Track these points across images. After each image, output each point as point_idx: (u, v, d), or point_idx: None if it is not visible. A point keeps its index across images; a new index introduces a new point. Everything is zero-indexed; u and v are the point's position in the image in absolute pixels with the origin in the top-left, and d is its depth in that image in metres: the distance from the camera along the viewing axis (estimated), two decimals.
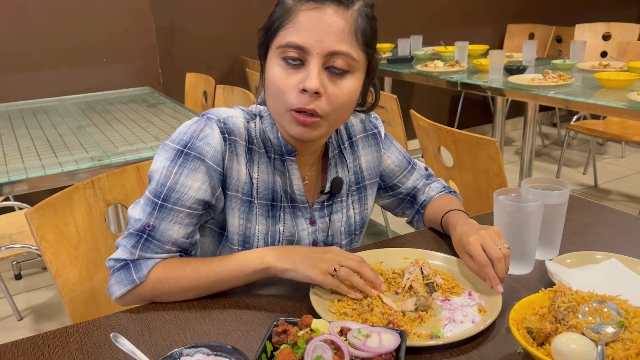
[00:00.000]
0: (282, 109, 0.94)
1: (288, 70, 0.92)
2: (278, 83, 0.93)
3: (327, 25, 0.90)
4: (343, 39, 0.91)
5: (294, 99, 0.92)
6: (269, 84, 0.96)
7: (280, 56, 0.93)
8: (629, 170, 4.02)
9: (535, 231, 1.01)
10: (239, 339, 0.86)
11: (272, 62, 0.95)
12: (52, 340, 0.87)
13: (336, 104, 0.94)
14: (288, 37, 0.91)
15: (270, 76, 0.95)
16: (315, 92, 0.91)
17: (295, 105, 0.92)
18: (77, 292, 1.26)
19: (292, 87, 0.92)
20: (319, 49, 0.90)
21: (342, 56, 0.92)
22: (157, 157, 0.99)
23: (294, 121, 0.94)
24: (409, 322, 0.86)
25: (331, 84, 0.93)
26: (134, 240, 0.96)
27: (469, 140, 1.72)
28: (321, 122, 0.95)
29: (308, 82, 0.90)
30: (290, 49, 0.91)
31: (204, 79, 2.96)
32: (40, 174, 1.71)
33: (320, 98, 0.92)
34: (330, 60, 0.92)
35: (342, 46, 0.91)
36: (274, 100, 0.95)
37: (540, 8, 4.88)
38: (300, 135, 0.95)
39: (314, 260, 0.92)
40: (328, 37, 0.90)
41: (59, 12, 2.94)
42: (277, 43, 0.93)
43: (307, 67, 0.91)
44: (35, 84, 2.96)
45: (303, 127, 0.94)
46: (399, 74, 3.28)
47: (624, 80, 2.44)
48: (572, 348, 0.70)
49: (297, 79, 0.92)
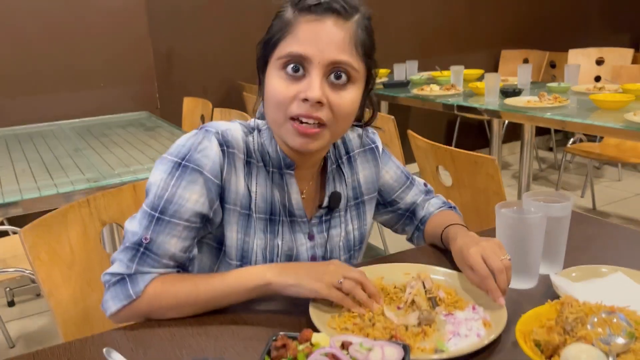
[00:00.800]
0: (282, 120, 0.94)
1: (289, 81, 0.92)
2: (278, 94, 0.92)
3: (327, 36, 0.90)
4: (344, 49, 0.91)
5: (294, 108, 0.91)
6: (268, 95, 0.95)
7: (281, 67, 0.92)
8: (626, 193, 4.02)
9: (539, 244, 0.99)
10: (237, 355, 0.83)
11: (272, 73, 0.94)
12: (42, 359, 0.84)
13: (339, 114, 0.93)
14: (289, 47, 0.91)
15: (271, 88, 0.94)
16: (318, 102, 0.90)
17: (295, 112, 0.91)
18: (71, 313, 1.22)
19: (293, 97, 0.91)
20: (320, 59, 0.90)
21: (344, 66, 0.91)
22: (154, 170, 0.98)
23: (295, 132, 0.92)
24: (412, 337, 0.84)
25: (333, 94, 0.92)
26: (131, 254, 0.94)
27: (467, 159, 1.71)
28: (323, 133, 0.94)
29: (310, 92, 0.89)
30: (291, 58, 0.91)
31: (201, 103, 2.97)
32: (35, 196, 1.69)
33: (323, 108, 0.91)
34: (332, 70, 0.91)
35: (343, 56, 0.91)
36: (274, 111, 0.94)
37: (534, 34, 4.96)
38: (301, 147, 0.94)
39: (317, 273, 0.89)
40: (329, 47, 0.90)
41: (57, 36, 2.96)
42: (278, 54, 0.93)
43: (308, 77, 0.91)
44: (33, 109, 2.96)
45: (304, 139, 0.93)
46: (395, 98, 3.30)
47: (619, 101, 2.46)
48: (583, 359, 0.68)
49: (298, 89, 0.91)
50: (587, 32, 5.23)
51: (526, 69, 3.23)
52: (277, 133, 0.98)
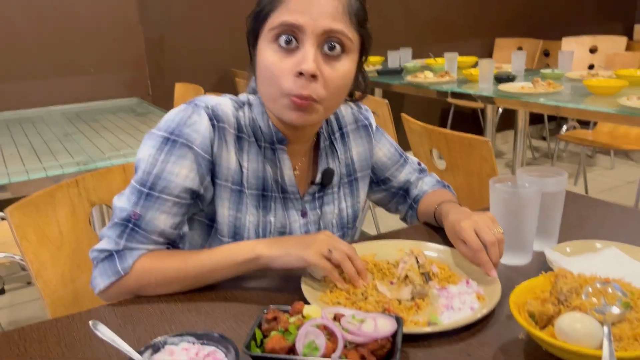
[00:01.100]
0: (277, 94, 0.91)
1: (281, 53, 0.89)
2: (272, 67, 0.90)
3: (320, 4, 0.87)
4: (338, 18, 0.89)
5: (290, 84, 0.89)
6: (261, 69, 0.92)
7: (273, 39, 0.90)
8: (618, 181, 4.03)
9: (533, 220, 0.98)
10: (228, 330, 0.82)
11: (264, 46, 0.91)
12: (28, 335, 0.82)
13: (332, 88, 0.91)
14: (280, 17, 0.88)
15: (263, 61, 0.91)
16: (312, 75, 0.88)
17: (293, 91, 0.89)
18: (60, 294, 1.21)
19: (287, 71, 0.89)
20: (314, 28, 0.87)
21: (338, 35, 0.89)
22: (142, 146, 0.96)
23: (291, 105, 0.90)
24: (406, 310, 0.83)
25: (327, 66, 0.90)
26: (119, 230, 0.92)
27: (461, 141, 1.70)
28: (317, 106, 0.91)
29: (305, 64, 0.87)
30: (284, 28, 0.88)
31: (192, 89, 2.94)
32: (24, 179, 1.67)
33: (317, 81, 0.89)
34: (326, 40, 0.89)
35: (337, 24, 0.88)
36: (268, 86, 0.92)
37: (528, 22, 4.95)
38: (296, 120, 0.92)
39: (306, 242, 0.88)
40: (322, 16, 0.87)
41: (47, 22, 2.92)
42: (269, 26, 0.90)
43: (301, 49, 0.88)
44: (22, 94, 2.92)
45: (299, 112, 0.90)
46: (389, 85, 3.28)
47: (613, 87, 2.45)
48: (577, 327, 0.67)
49: (292, 62, 0.89)
50: (580, 20, 5.22)
51: (520, 56, 3.22)
52: (271, 108, 0.96)
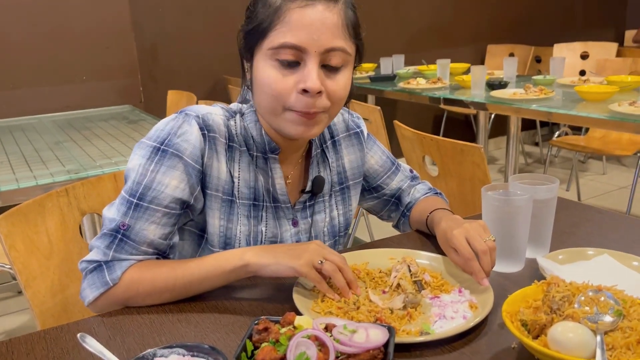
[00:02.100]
0: (280, 109, 0.91)
1: (283, 70, 0.89)
2: (274, 84, 0.89)
3: (320, 22, 0.87)
4: (337, 34, 0.89)
5: (293, 100, 0.89)
6: (263, 85, 0.91)
7: (274, 57, 0.89)
8: (610, 187, 4.04)
9: (525, 227, 0.98)
10: (218, 340, 0.81)
11: (264, 63, 0.91)
12: (16, 347, 0.81)
13: (335, 99, 0.92)
14: (282, 37, 0.87)
15: (264, 78, 0.90)
16: (317, 92, 0.88)
17: (297, 108, 0.89)
18: (49, 304, 1.19)
19: (290, 88, 0.89)
20: (316, 47, 0.87)
21: (338, 52, 0.90)
22: (133, 156, 0.95)
23: (297, 120, 0.91)
24: (398, 320, 0.82)
25: (328, 80, 0.90)
26: (108, 240, 0.91)
27: (453, 148, 1.70)
28: (321, 117, 0.93)
29: (310, 82, 0.87)
30: (286, 50, 0.87)
31: (185, 96, 2.93)
32: (14, 187, 1.65)
33: (321, 96, 0.90)
34: (327, 57, 0.89)
35: (337, 42, 0.89)
36: (270, 102, 0.91)
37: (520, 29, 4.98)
38: (301, 134, 0.92)
39: (297, 251, 0.87)
40: (323, 34, 0.87)
41: (39, 30, 2.90)
42: (269, 44, 0.89)
43: (304, 66, 0.88)
44: (14, 102, 2.90)
45: (304, 126, 0.91)
46: (382, 92, 3.28)
47: (604, 93, 2.46)
48: (570, 337, 0.67)
49: (295, 79, 0.89)
50: (572, 27, 5.26)
51: (512, 62, 3.24)
52: (271, 122, 0.95)
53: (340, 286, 0.87)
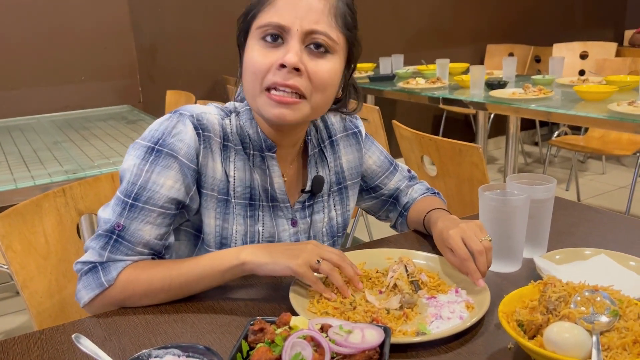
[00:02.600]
0: (258, 90, 0.91)
1: (267, 49, 0.90)
2: (255, 62, 0.90)
3: (306, 5, 0.89)
4: (321, 19, 0.90)
5: (270, 76, 0.89)
6: (247, 65, 0.92)
7: (259, 37, 0.91)
8: (610, 187, 4.04)
9: (522, 227, 0.98)
10: (214, 341, 0.80)
11: (251, 44, 0.92)
12: (11, 347, 0.81)
13: (317, 83, 0.91)
14: (267, 17, 0.89)
15: (249, 58, 0.92)
16: (295, 69, 0.88)
17: (271, 80, 0.89)
18: (46, 305, 1.19)
19: (270, 64, 0.89)
20: (299, 27, 0.88)
21: (321, 35, 0.90)
22: (127, 156, 0.95)
23: (271, 102, 0.90)
24: (394, 320, 0.82)
25: (311, 62, 0.90)
26: (103, 241, 0.91)
27: (452, 148, 1.70)
28: (302, 105, 0.91)
29: (287, 57, 0.87)
30: (270, 28, 0.89)
31: (184, 96, 2.93)
32: (11, 187, 1.65)
33: (301, 75, 0.89)
34: (310, 39, 0.90)
35: (320, 26, 0.89)
36: (251, 82, 0.92)
37: (520, 29, 4.98)
38: (278, 118, 0.90)
39: (294, 251, 0.87)
40: (307, 16, 0.89)
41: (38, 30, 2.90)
42: (257, 25, 0.91)
43: (286, 45, 0.89)
44: (12, 103, 2.90)
45: (280, 108, 0.89)
46: (381, 92, 3.28)
47: (603, 92, 2.46)
48: (566, 337, 0.66)
49: (276, 56, 0.89)
50: (571, 27, 5.26)
51: (511, 62, 3.23)
52: (253, 106, 0.95)
53: (338, 285, 0.87)
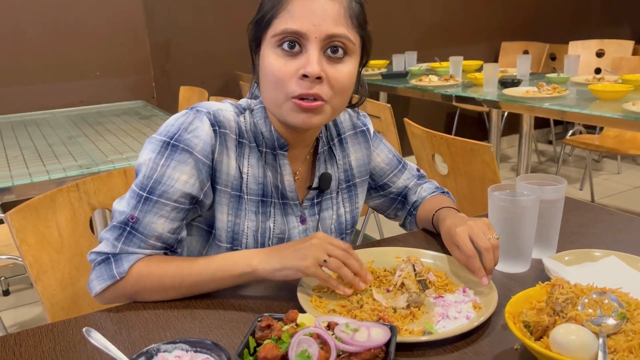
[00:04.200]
0: (282, 98, 0.91)
1: (285, 58, 0.90)
2: (276, 72, 0.90)
3: (322, 9, 0.89)
4: (339, 22, 0.90)
5: (294, 86, 0.90)
6: (265, 74, 0.92)
7: (276, 44, 0.90)
8: (625, 186, 4.00)
9: (531, 227, 0.97)
10: (222, 337, 0.81)
11: (268, 52, 0.92)
12: (24, 339, 0.83)
13: (338, 88, 0.92)
14: (284, 24, 0.89)
15: (267, 66, 0.92)
16: (317, 77, 0.88)
17: (297, 92, 0.89)
18: (59, 297, 1.21)
19: (292, 74, 0.90)
20: (317, 33, 0.88)
21: (341, 39, 0.90)
22: (143, 150, 0.96)
23: (297, 109, 0.91)
24: (401, 319, 0.82)
25: (331, 68, 0.91)
26: (117, 233, 0.93)
27: (463, 146, 1.69)
28: (325, 107, 0.92)
29: (309, 67, 0.88)
30: (287, 36, 0.89)
31: (197, 92, 2.95)
32: (27, 182, 1.68)
33: (322, 83, 0.90)
34: (329, 44, 0.90)
35: (339, 29, 0.89)
36: (272, 90, 0.92)
37: (534, 26, 4.93)
38: (303, 123, 0.92)
39: (302, 251, 0.87)
40: (325, 21, 0.88)
41: (53, 25, 2.94)
42: (272, 32, 0.90)
43: (305, 53, 0.89)
44: (28, 97, 2.94)
45: (305, 114, 0.91)
46: (394, 89, 3.27)
47: (618, 92, 2.43)
48: (572, 339, 0.66)
49: (296, 65, 0.89)
50: (587, 24, 5.19)
51: (525, 60, 3.21)
52: (275, 113, 0.96)
53: (347, 280, 0.88)
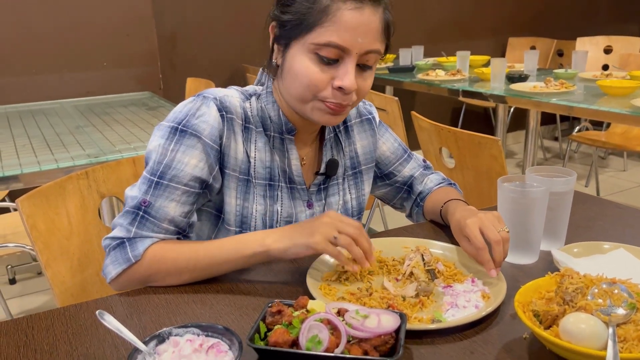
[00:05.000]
0: (310, 97, 0.95)
1: (322, 65, 0.93)
2: (311, 77, 0.93)
3: (366, 25, 0.91)
4: (377, 38, 0.93)
5: (327, 94, 0.94)
6: (297, 74, 0.94)
7: (315, 52, 0.92)
8: (631, 184, 3.99)
9: (540, 219, 0.98)
10: (232, 322, 0.82)
11: (303, 55, 0.93)
12: (36, 322, 0.84)
13: (362, 94, 0.98)
14: (329, 36, 0.90)
15: (302, 68, 0.93)
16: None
17: (330, 99, 0.94)
18: (68, 284, 1.22)
19: (327, 82, 0.93)
20: (358, 49, 0.91)
21: (375, 54, 0.94)
22: (152, 137, 0.98)
23: (325, 109, 0.95)
24: (410, 307, 0.83)
25: (360, 78, 0.95)
26: (130, 217, 0.94)
27: (471, 140, 1.69)
28: (347, 109, 0.98)
29: (347, 82, 0.92)
30: (330, 48, 0.91)
31: (204, 84, 2.95)
32: (35, 170, 1.69)
33: (352, 93, 0.94)
34: (364, 58, 0.93)
35: (376, 45, 0.93)
36: (302, 90, 0.95)
37: (542, 22, 4.90)
38: (328, 122, 0.98)
39: (312, 227, 0.88)
40: (367, 37, 0.91)
41: (60, 16, 2.94)
42: (314, 39, 0.91)
43: (342, 65, 0.92)
44: (36, 87, 2.95)
45: (332, 116, 0.96)
46: (401, 83, 3.27)
47: (626, 88, 2.42)
48: (582, 328, 0.67)
49: (332, 75, 0.93)
50: (595, 20, 5.16)
51: (533, 55, 3.20)
52: (297, 107, 0.98)
53: (356, 257, 0.88)
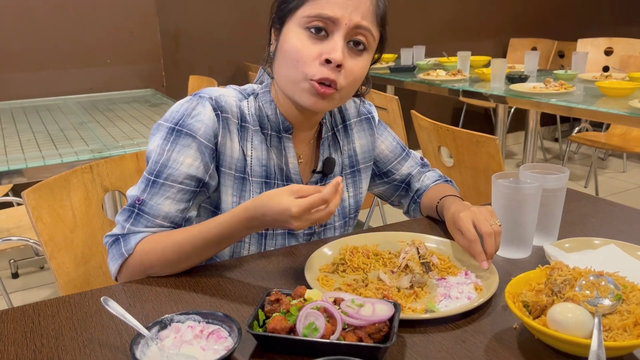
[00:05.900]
0: (299, 77, 0.94)
1: (310, 40, 0.93)
2: (299, 51, 0.93)
3: (356, 0, 0.92)
4: (367, 16, 0.94)
5: (315, 69, 0.93)
6: (287, 52, 0.95)
7: (304, 25, 0.93)
8: (630, 185, 4.00)
9: (533, 215, 1.00)
10: (232, 310, 0.85)
11: (293, 31, 0.95)
12: (42, 309, 0.86)
13: (351, 79, 0.96)
14: (319, 8, 0.92)
15: (291, 45, 0.94)
16: (338, 65, 0.92)
17: (317, 75, 0.93)
18: (72, 275, 1.25)
19: (314, 57, 0.93)
20: (348, 21, 0.92)
21: (365, 32, 0.94)
22: (151, 138, 1.01)
23: (311, 90, 0.94)
24: (404, 298, 0.85)
25: (350, 58, 0.95)
26: (126, 215, 0.97)
27: (469, 138, 1.72)
28: (335, 95, 0.96)
29: (334, 53, 0.91)
30: (319, 20, 0.92)
31: (206, 81, 2.98)
32: (40, 164, 1.71)
33: (340, 71, 0.94)
34: (353, 34, 0.94)
35: (366, 22, 0.94)
36: (291, 69, 0.95)
37: (543, 23, 4.92)
38: (313, 105, 0.95)
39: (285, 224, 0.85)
40: (356, 11, 0.93)
41: (65, 12, 2.97)
42: (305, 12, 0.93)
43: (331, 38, 0.93)
44: (39, 84, 2.98)
45: (317, 98, 0.94)
46: (401, 82, 3.29)
47: (625, 89, 2.45)
48: (568, 317, 0.69)
49: (320, 49, 0.93)
50: (598, 22, 5.18)
51: (533, 56, 3.22)
52: (287, 90, 0.98)
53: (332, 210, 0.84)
